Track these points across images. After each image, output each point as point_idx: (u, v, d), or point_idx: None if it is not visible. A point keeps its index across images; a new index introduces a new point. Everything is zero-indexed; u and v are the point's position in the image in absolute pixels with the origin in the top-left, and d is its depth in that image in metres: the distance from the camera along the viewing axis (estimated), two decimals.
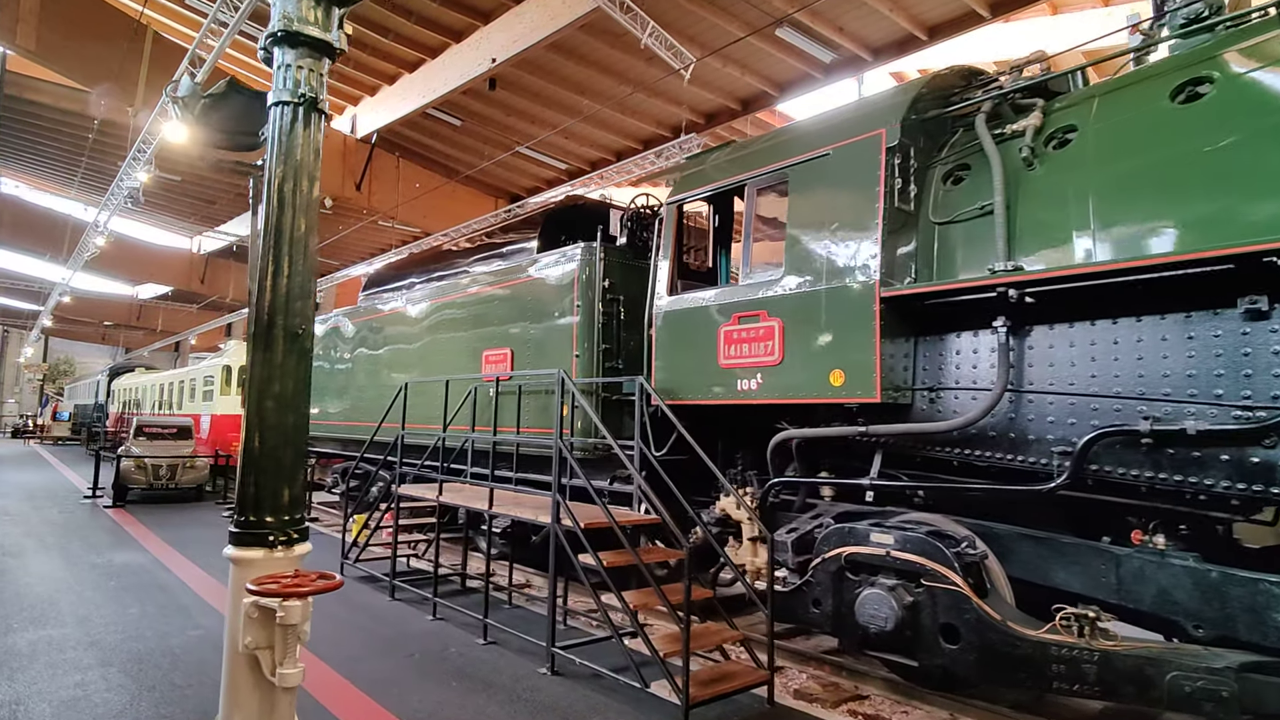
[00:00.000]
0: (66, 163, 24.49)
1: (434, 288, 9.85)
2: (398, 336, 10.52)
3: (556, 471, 5.57)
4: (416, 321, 10.11)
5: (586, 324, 7.22)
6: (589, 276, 7.23)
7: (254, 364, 2.99)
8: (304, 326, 3.10)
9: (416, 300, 10.18)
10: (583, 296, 7.24)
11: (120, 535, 10.89)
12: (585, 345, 7.20)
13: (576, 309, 7.29)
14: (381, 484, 11.27)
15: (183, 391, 21.72)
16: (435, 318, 9.66)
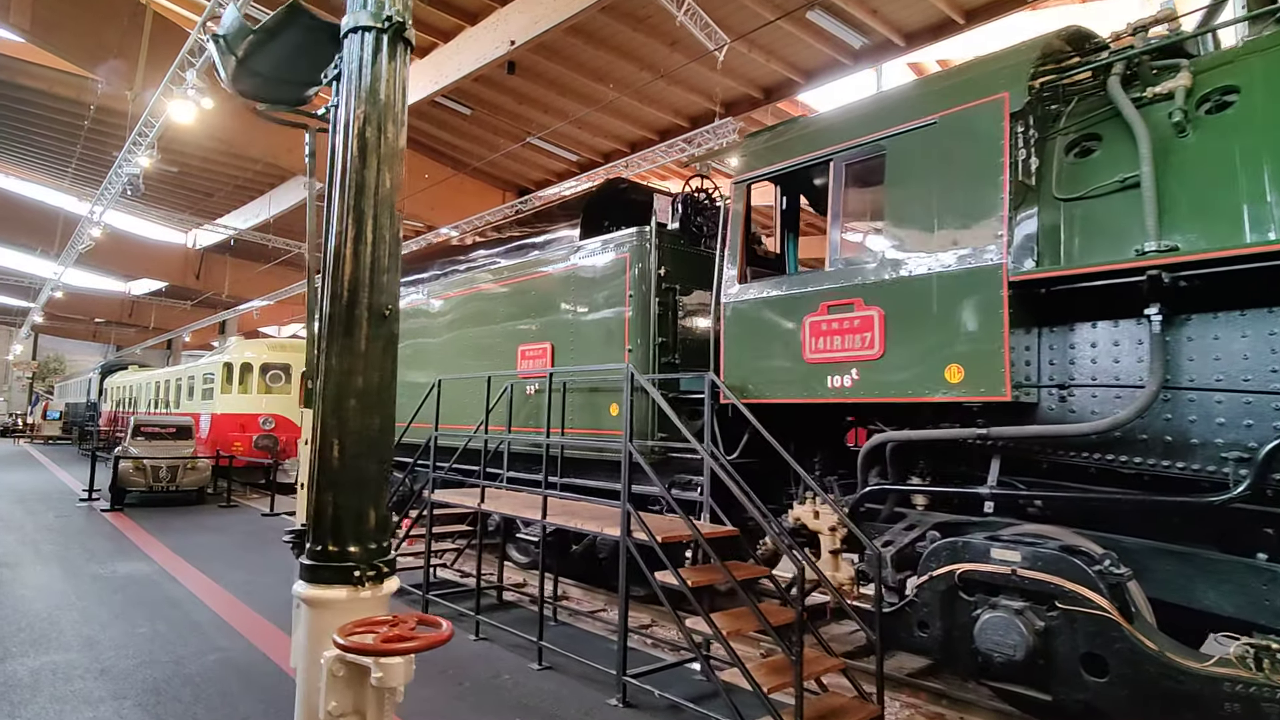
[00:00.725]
0: (59, 153, 23.71)
1: (459, 279, 9.22)
2: (417, 332, 9.89)
3: (626, 479, 4.97)
4: (439, 316, 9.49)
5: (640, 316, 6.62)
6: (643, 265, 6.63)
7: (330, 354, 2.38)
8: (391, 305, 2.49)
9: (438, 293, 9.56)
10: (635, 286, 6.64)
11: (121, 542, 10.22)
12: (639, 339, 6.60)
13: (628, 300, 6.69)
14: (400, 488, 10.65)
15: (180, 390, 20.99)
16: (461, 311, 9.04)
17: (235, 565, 8.91)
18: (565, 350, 7.38)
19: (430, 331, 9.67)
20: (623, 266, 6.77)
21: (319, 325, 2.46)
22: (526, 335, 7.87)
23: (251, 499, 15.92)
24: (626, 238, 6.77)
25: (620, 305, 6.79)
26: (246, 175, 23.82)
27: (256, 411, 17.33)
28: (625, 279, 6.73)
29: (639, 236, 6.70)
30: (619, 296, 6.80)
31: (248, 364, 17.65)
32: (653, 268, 6.57)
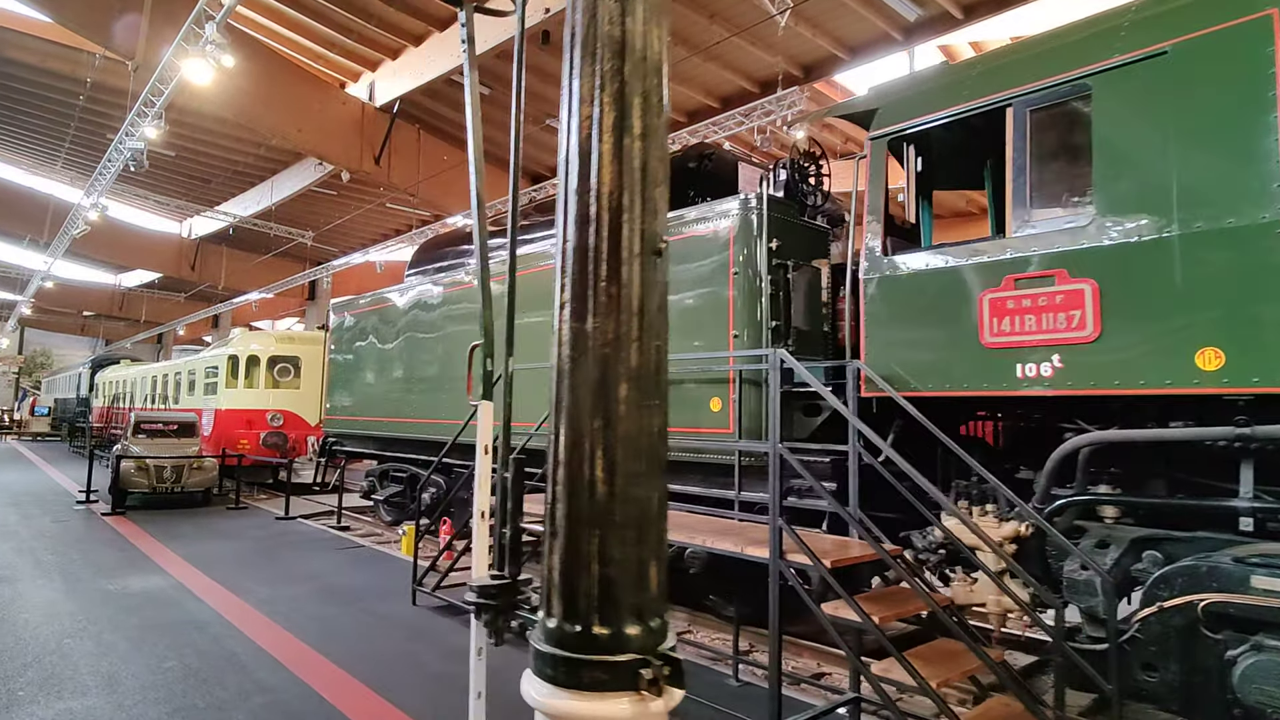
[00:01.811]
0: (51, 135, 22.52)
1: (500, 260, 8.28)
2: (463, 316, 8.94)
3: (776, 490, 4.07)
4: (479, 300, 8.54)
5: (747, 297, 5.72)
6: (751, 238, 5.72)
7: (577, 314, 1.48)
8: (665, 238, 1.60)
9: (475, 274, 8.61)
10: (742, 263, 5.74)
11: (128, 551, 9.25)
12: (747, 322, 5.70)
13: (733, 278, 5.78)
14: (435, 490, 9.73)
15: (180, 384, 19.95)
16: (519, 294, 8.09)
17: (258, 577, 7.97)
18: None
19: (464, 317, 8.73)
20: (725, 241, 5.87)
21: (561, 272, 1.55)
22: None
23: (260, 500, 14.94)
24: (730, 208, 5.86)
25: (721, 285, 5.89)
26: (247, 160, 22.71)
27: (264, 407, 16.33)
28: (728, 255, 5.83)
29: (744, 206, 5.79)
30: (719, 275, 5.90)
31: (255, 357, 16.65)
32: (764, 241, 5.67)
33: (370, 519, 12.64)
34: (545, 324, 7.76)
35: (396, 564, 8.91)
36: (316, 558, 9.18)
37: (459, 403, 8.56)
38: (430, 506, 9.81)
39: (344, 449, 12.12)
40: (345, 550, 9.67)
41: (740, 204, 5.81)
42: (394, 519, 11.55)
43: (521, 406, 6.23)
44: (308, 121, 16.03)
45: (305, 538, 10.54)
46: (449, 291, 9.14)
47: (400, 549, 9.77)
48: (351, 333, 11.56)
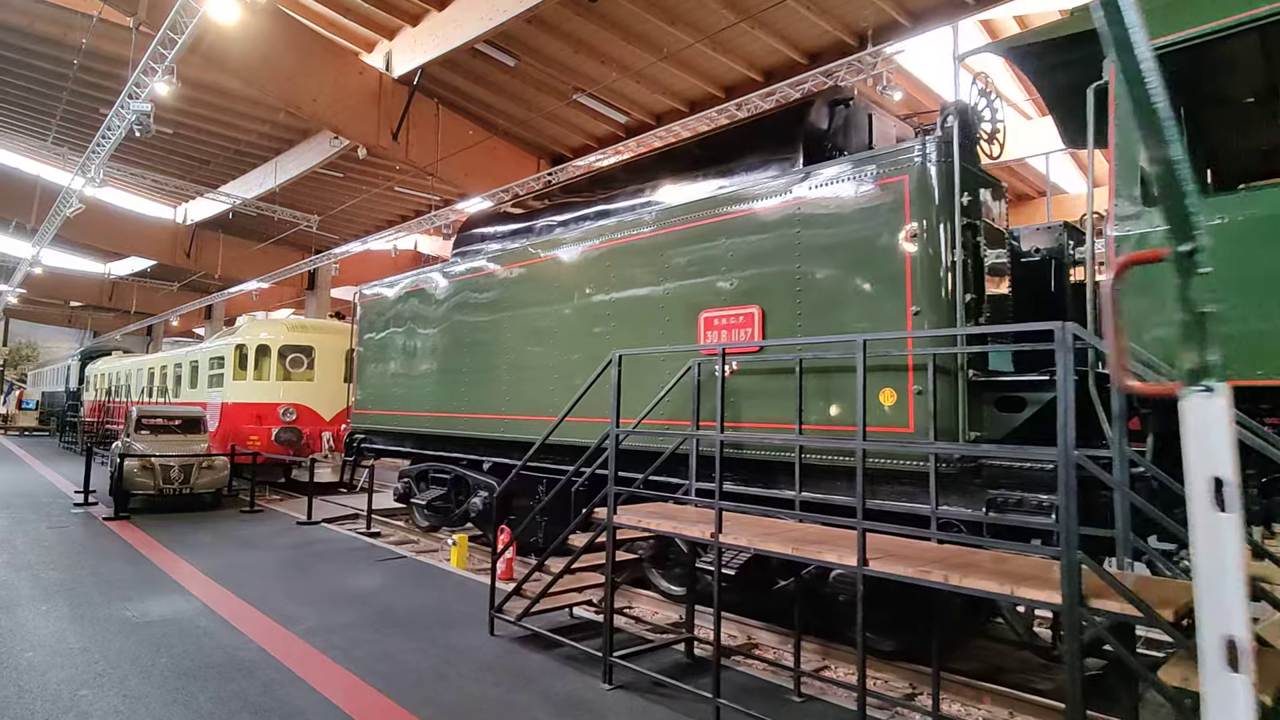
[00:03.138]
0: (38, 109, 21.14)
1: (591, 229, 7.16)
2: (524, 299, 7.83)
3: (1072, 512, 3.00)
4: (560, 276, 7.42)
5: (929, 265, 4.64)
6: (932, 193, 4.64)
7: None
8: None
9: (558, 246, 7.49)
10: (924, 223, 4.65)
11: (140, 565, 8.09)
12: (931, 296, 4.62)
13: (910, 240, 4.70)
14: (485, 495, 8.62)
15: (180, 377, 18.70)
16: (598, 270, 6.98)
17: (297, 597, 6.85)
18: (785, 315, 5.39)
19: (546, 297, 7.59)
20: (896, 198, 4.79)
21: None
22: (715, 296, 5.85)
23: (274, 502, 13.77)
24: (906, 157, 4.77)
25: (893, 251, 4.79)
26: (250, 139, 21.42)
27: (275, 401, 15.14)
28: (902, 213, 4.74)
29: (922, 153, 4.69)
30: (890, 239, 4.81)
31: (265, 346, 15.43)
32: (954, 196, 4.58)
33: (403, 523, 11.51)
34: (634, 303, 6.65)
35: (450, 580, 7.81)
36: (357, 572, 8.05)
37: (539, 396, 7.46)
38: (483, 513, 8.71)
39: (373, 447, 10.97)
40: (386, 563, 8.55)
41: (918, 150, 4.72)
42: (431, 524, 10.43)
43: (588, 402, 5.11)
44: (323, 92, 14.80)
45: (336, 547, 9.41)
46: (514, 269, 7.99)
47: (450, 561, 8.66)
48: (385, 319, 10.40)
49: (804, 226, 5.27)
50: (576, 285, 7.21)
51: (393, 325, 10.19)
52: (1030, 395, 4.47)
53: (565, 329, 7.30)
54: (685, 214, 6.18)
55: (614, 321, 6.74)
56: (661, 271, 6.34)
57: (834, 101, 5.98)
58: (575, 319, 7.18)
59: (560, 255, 7.44)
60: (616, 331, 6.71)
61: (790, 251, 5.35)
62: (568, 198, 8.22)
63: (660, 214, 6.40)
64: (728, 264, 5.78)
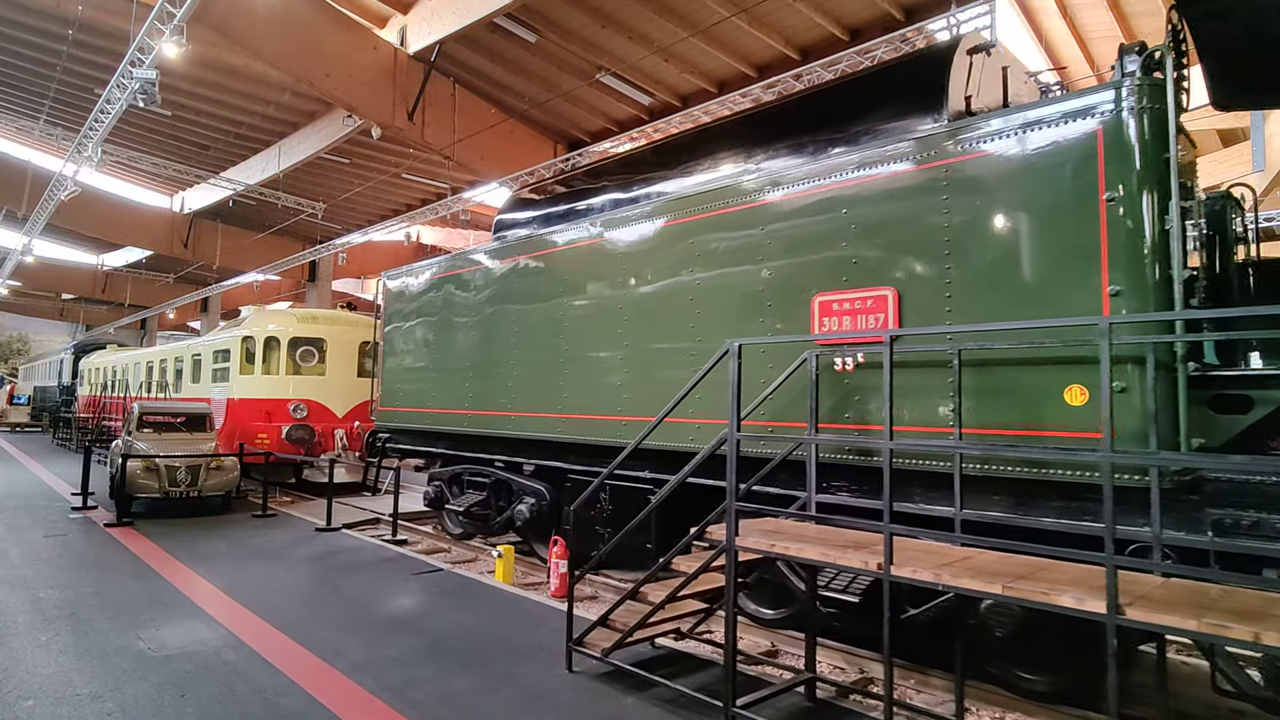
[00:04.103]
0: (29, 91, 20.13)
1: (666, 203, 6.31)
2: (585, 283, 6.98)
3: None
4: (629, 257, 6.56)
5: (1132, 234, 3.80)
6: (1137, 147, 3.80)
7: None
8: None
9: (626, 224, 6.63)
10: (1126, 184, 3.82)
11: (150, 581, 7.23)
12: (1133, 273, 3.79)
13: (1104, 207, 3.86)
14: (533, 502, 7.79)
15: (181, 371, 17.77)
16: (678, 249, 6.12)
17: (335, 622, 6.00)
18: (928, 298, 4.55)
19: (614, 279, 6.74)
20: (1085, 154, 3.95)
21: None
22: (833, 278, 5.01)
23: (284, 504, 12.89)
24: (1096, 103, 3.93)
25: (1077, 220, 3.96)
26: (252, 122, 20.44)
27: (285, 396, 14.24)
28: (1093, 173, 3.90)
29: (1123, 99, 3.86)
30: (1075, 205, 3.98)
31: (273, 338, 14.52)
32: (1166, 151, 3.75)
33: (431, 529, 10.66)
34: (725, 286, 5.75)
35: (500, 599, 6.96)
36: (394, 588, 7.21)
37: (605, 392, 6.61)
38: (530, 521, 7.87)
39: (399, 447, 10.10)
40: (423, 577, 7.71)
41: (1111, 95, 3.88)
42: (464, 532, 9.59)
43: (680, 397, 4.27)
44: (336, 66, 13.88)
45: (364, 558, 8.56)
46: (571, 250, 7.13)
47: (494, 575, 7.83)
48: (414, 307, 9.52)
49: (955, 193, 4.43)
50: (650, 266, 6.36)
51: (424, 314, 9.31)
52: (1259, 393, 3.65)
53: (637, 316, 6.45)
54: (791, 183, 5.34)
55: (699, 307, 5.90)
56: (760, 250, 5.50)
57: (973, 49, 5.13)
58: (650, 305, 6.33)
59: (629, 233, 6.58)
60: (702, 319, 5.87)
61: (935, 224, 4.51)
62: (632, 170, 7.36)
63: (758, 183, 5.55)
64: (849, 240, 4.94)
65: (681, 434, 5.87)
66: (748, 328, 5.49)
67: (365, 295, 46.03)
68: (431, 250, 36.90)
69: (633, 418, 6.32)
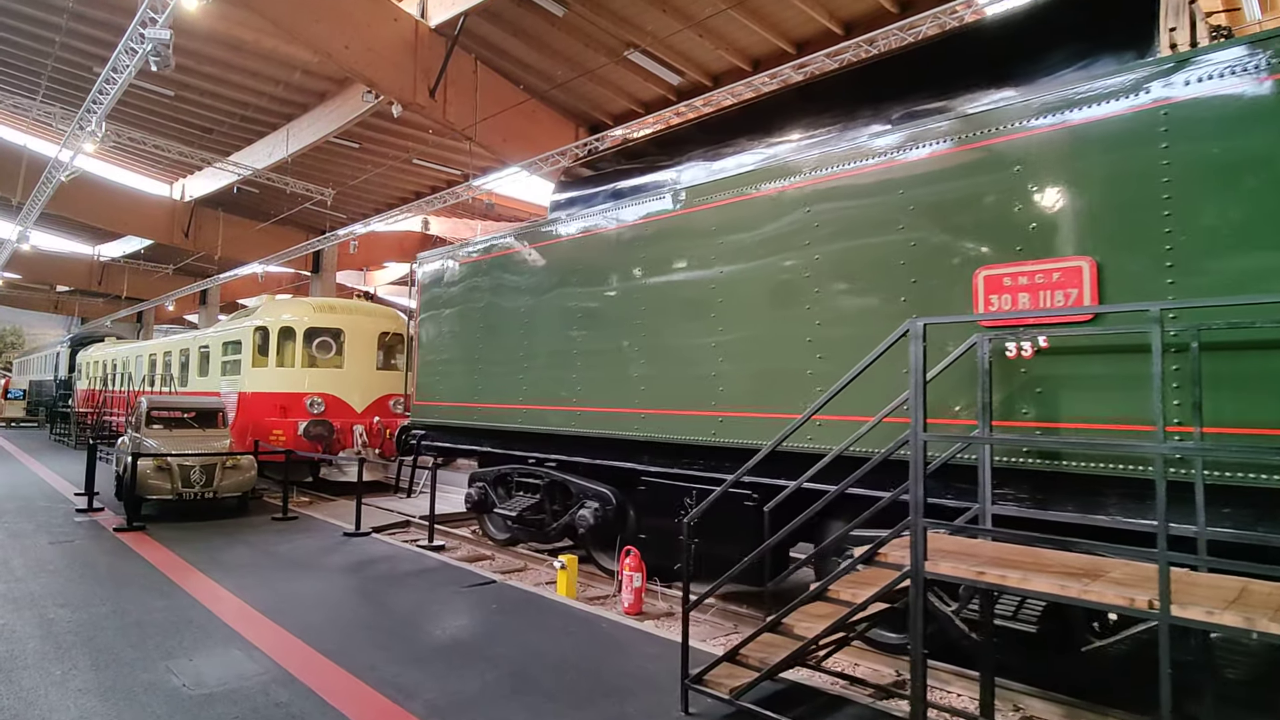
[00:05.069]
0: (23, 70, 19.18)
1: (773, 167, 5.49)
2: (668, 261, 6.18)
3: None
4: (725, 230, 5.75)
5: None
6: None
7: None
8: None
9: (718, 191, 5.82)
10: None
11: (174, 598, 6.42)
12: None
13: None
14: (597, 507, 7.00)
15: (187, 363, 16.91)
16: (792, 218, 5.32)
17: (393, 648, 5.21)
18: (1139, 269, 3.75)
19: (700, 259, 5.94)
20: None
21: None
22: (1007, 247, 4.22)
23: (302, 505, 12.08)
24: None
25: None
26: (259, 103, 19.52)
27: (301, 390, 13.41)
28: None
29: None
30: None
31: (288, 329, 13.68)
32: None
33: (468, 532, 9.87)
34: (850, 260, 4.84)
35: (571, 618, 6.17)
36: (446, 604, 6.42)
37: (696, 386, 5.80)
38: (594, 528, 7.08)
39: (437, 445, 9.29)
40: (475, 590, 6.92)
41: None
42: (511, 538, 8.80)
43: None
44: (356, 38, 13.00)
45: (403, 567, 7.77)
46: (650, 224, 6.31)
47: (556, 589, 7.04)
48: (457, 290, 8.68)
49: (1178, 140, 3.63)
50: (752, 240, 5.56)
51: (468, 299, 8.48)
52: None
53: (734, 298, 5.65)
54: (939, 138, 4.54)
55: (818, 285, 5.10)
56: (899, 218, 4.71)
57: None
58: (752, 285, 5.53)
59: (723, 202, 5.77)
60: (823, 300, 5.08)
61: (1150, 177, 3.72)
62: (718, 136, 6.54)
63: (895, 140, 4.75)
64: (1025, 203, 4.15)
65: (797, 432, 5.08)
66: (889, 308, 4.70)
67: (366, 288, 45.12)
68: (437, 241, 36.03)
69: (730, 413, 5.53)
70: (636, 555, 6.46)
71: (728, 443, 5.54)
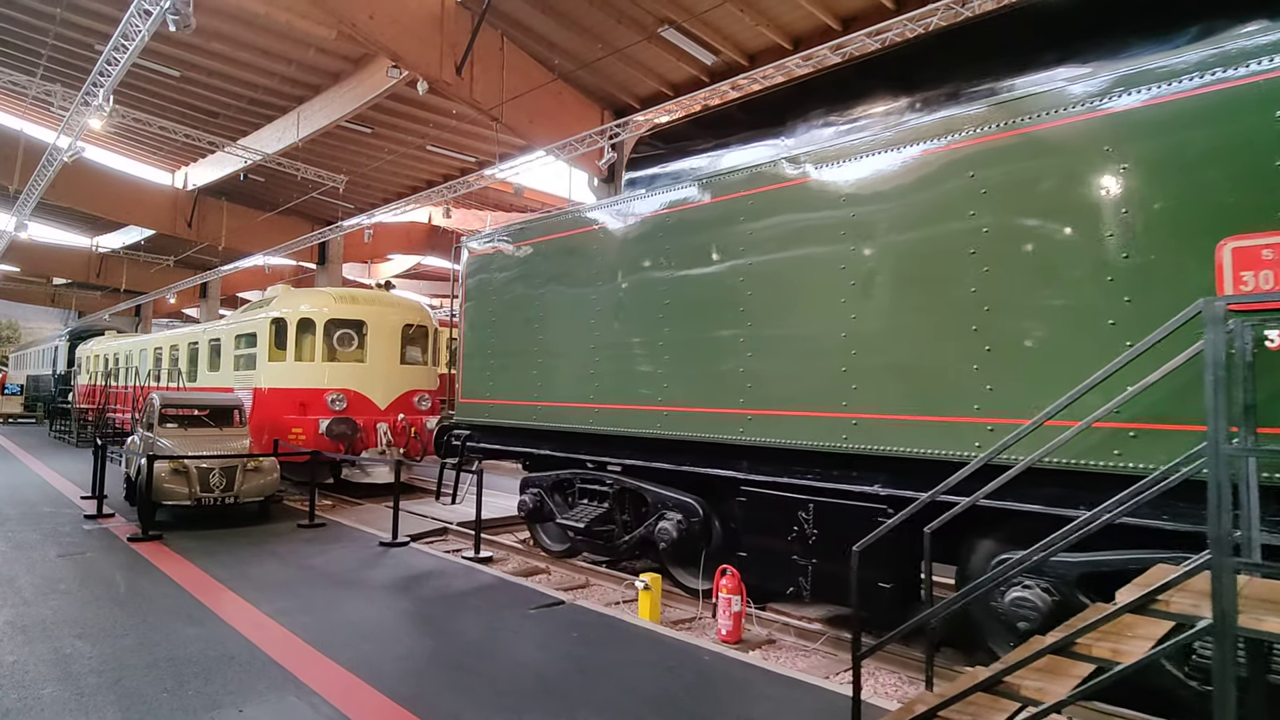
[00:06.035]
0: (20, 51, 18.23)
1: (921, 127, 4.67)
2: (783, 239, 5.35)
3: None
4: (856, 200, 4.94)
5: None
6: None
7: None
8: None
9: (852, 157, 4.99)
10: None
11: (208, 624, 5.60)
12: None
13: None
14: (680, 519, 6.19)
15: (196, 357, 16.05)
16: (946, 188, 4.50)
17: (477, 691, 4.41)
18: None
19: (813, 236, 5.11)
20: None
21: None
22: (1264, 212, 3.40)
23: (324, 509, 11.25)
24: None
25: None
26: (269, 84, 18.62)
27: (321, 386, 12.57)
28: None
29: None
30: None
31: (307, 320, 12.83)
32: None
33: (515, 541, 9.07)
34: (1029, 235, 3.60)
35: (669, 650, 5.36)
36: (521, 633, 5.61)
37: (822, 380, 4.97)
38: (677, 543, 6.27)
39: (484, 446, 8.46)
40: (547, 612, 6.11)
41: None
42: (569, 549, 7.99)
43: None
44: (380, 8, 12.14)
45: (456, 584, 6.96)
46: (757, 194, 5.48)
47: (638, 611, 6.24)
48: (512, 276, 7.84)
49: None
50: (894, 211, 4.74)
51: (526, 285, 7.64)
52: None
53: (868, 279, 4.83)
54: (1166, 79, 3.71)
55: (986, 263, 4.29)
56: (1102, 181, 3.89)
57: None
58: (896, 263, 4.72)
59: (855, 170, 4.95)
60: (993, 280, 4.26)
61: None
62: (836, 93, 5.71)
63: (1099, 87, 3.92)
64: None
65: (956, 438, 4.28)
66: (1080, 292, 3.89)
67: (369, 281, 44.18)
68: (443, 233, 35.11)
69: (867, 415, 4.72)
70: (736, 576, 5.66)
71: (864, 449, 4.73)
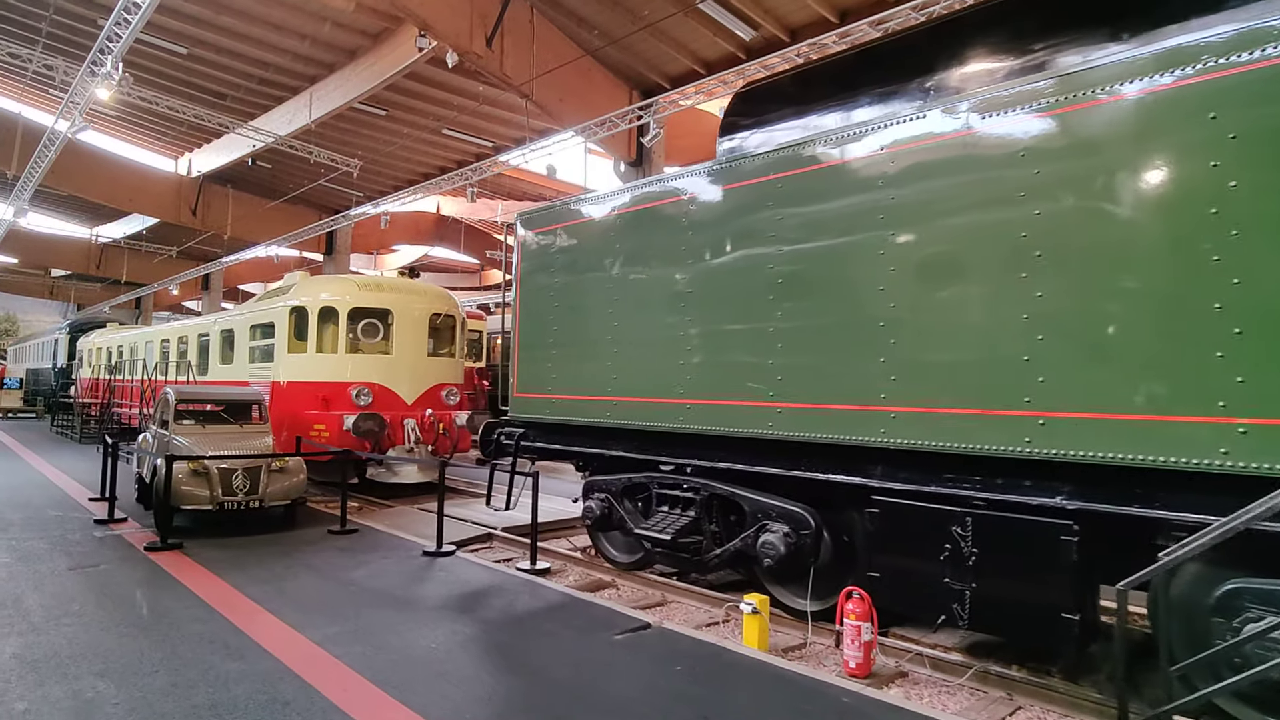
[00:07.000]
0: (18, 29, 17.33)
1: (1108, 69, 3.84)
2: (928, 205, 4.52)
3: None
4: (1037, 158, 4.11)
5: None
6: None
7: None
8: None
9: (1032, 103, 4.15)
10: None
11: (248, 656, 4.79)
12: None
13: None
14: (787, 532, 5.38)
15: (207, 349, 15.19)
16: (1171, 141, 3.67)
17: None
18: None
19: (962, 202, 4.28)
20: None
21: None
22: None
23: (350, 511, 10.42)
24: None
25: None
26: (282, 61, 17.76)
27: (345, 379, 11.74)
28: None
29: None
30: None
31: (329, 309, 11.99)
32: None
33: (576, 552, 8.26)
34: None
35: (794, 687, 4.55)
36: (613, 665, 4.80)
37: (1033, 375, 4.13)
38: (784, 558, 5.46)
39: (538, 445, 7.63)
40: (635, 639, 5.31)
41: None
42: (636, 560, 7.18)
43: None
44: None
45: (522, 603, 6.15)
46: (908, 153, 4.64)
47: (743, 638, 5.43)
48: (581, 255, 6.99)
49: None
50: (1090, 169, 3.91)
51: (598, 264, 6.79)
52: None
53: (1061, 248, 3.99)
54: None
55: (1237, 226, 3.45)
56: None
57: None
58: (1098, 227, 3.88)
59: (1036, 122, 4.10)
60: (1244, 243, 3.44)
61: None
62: (983, 33, 4.87)
63: None
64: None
65: (1192, 443, 3.46)
66: None
67: (373, 272, 43.31)
68: (452, 223, 34.21)
69: (1058, 413, 3.90)
70: (867, 599, 4.85)
71: (1054, 454, 3.91)
